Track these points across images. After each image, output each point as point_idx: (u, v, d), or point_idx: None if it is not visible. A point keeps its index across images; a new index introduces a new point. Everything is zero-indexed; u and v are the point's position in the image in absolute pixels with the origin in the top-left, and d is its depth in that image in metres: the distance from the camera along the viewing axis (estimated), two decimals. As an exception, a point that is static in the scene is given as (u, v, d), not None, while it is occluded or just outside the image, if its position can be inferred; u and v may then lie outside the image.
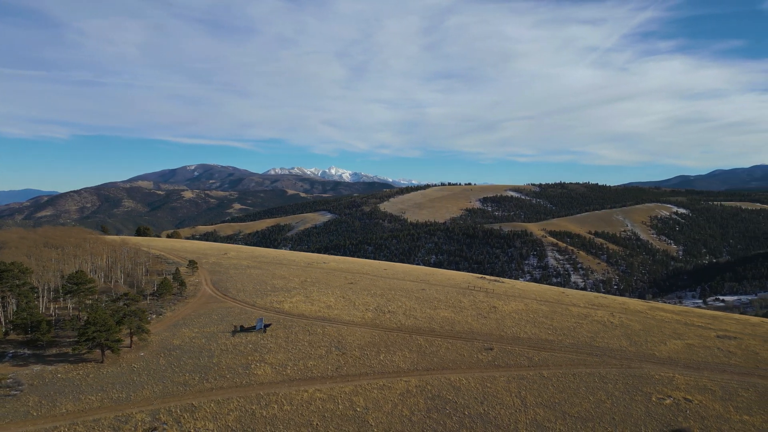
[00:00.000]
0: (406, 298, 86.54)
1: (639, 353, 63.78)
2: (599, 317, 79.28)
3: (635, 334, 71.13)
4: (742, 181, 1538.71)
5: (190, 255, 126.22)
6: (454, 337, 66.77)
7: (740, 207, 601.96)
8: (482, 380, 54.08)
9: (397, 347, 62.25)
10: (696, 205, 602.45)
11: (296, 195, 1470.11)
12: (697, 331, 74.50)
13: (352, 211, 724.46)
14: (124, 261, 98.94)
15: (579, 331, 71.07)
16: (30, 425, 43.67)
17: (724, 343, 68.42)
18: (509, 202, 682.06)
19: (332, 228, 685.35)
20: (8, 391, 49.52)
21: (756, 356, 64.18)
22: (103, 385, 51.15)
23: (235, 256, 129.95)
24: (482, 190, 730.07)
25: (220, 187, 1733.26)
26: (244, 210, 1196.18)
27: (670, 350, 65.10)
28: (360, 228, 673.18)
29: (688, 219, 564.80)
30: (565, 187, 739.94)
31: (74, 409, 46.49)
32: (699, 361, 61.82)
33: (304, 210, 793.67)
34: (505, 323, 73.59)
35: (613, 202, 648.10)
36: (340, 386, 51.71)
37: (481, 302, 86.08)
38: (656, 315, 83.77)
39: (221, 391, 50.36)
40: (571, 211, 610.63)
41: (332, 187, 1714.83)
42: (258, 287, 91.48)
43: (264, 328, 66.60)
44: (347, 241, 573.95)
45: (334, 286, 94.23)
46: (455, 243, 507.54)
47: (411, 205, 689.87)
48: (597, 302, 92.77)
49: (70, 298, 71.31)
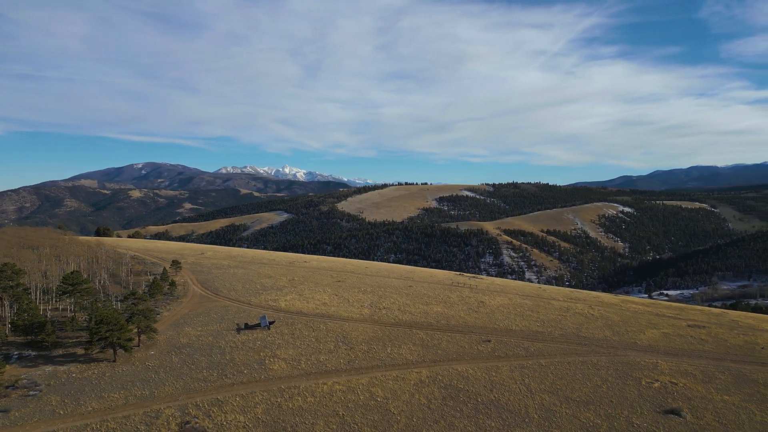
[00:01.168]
0: (397, 294, 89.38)
1: (622, 342, 68.79)
2: (580, 310, 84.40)
3: (615, 324, 76.36)
4: (680, 181, 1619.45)
5: (166, 255, 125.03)
6: (451, 331, 70.08)
7: (680, 206, 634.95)
8: (487, 370, 57.50)
9: (401, 341, 64.99)
10: (640, 204, 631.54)
11: (249, 194, 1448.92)
12: (669, 321, 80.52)
13: (309, 210, 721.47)
14: (108, 262, 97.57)
15: (565, 323, 75.73)
16: (59, 423, 44.12)
17: (695, 332, 74.43)
18: (465, 202, 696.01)
19: (289, 228, 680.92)
20: (26, 391, 49.51)
21: (725, 343, 70.26)
22: (123, 383, 51.74)
23: (212, 256, 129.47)
24: (438, 190, 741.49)
25: (170, 186, 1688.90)
26: (196, 210, 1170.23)
27: (650, 339, 70.46)
28: (317, 227, 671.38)
29: (633, 217, 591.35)
30: (518, 186, 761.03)
31: (99, 407, 47.09)
32: (677, 348, 67.31)
33: (259, 209, 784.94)
34: (496, 317, 77.54)
35: (563, 201, 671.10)
36: (356, 378, 54.06)
37: (469, 297, 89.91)
38: (629, 307, 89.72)
39: (242, 385, 51.83)
40: (524, 210, 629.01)
41: (286, 186, 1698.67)
42: (247, 286, 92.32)
43: (268, 325, 68.01)
44: (305, 241, 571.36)
45: (323, 284, 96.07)
46: (414, 242, 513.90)
47: (369, 204, 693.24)
48: (574, 296, 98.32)
49: (66, 299, 70.57)
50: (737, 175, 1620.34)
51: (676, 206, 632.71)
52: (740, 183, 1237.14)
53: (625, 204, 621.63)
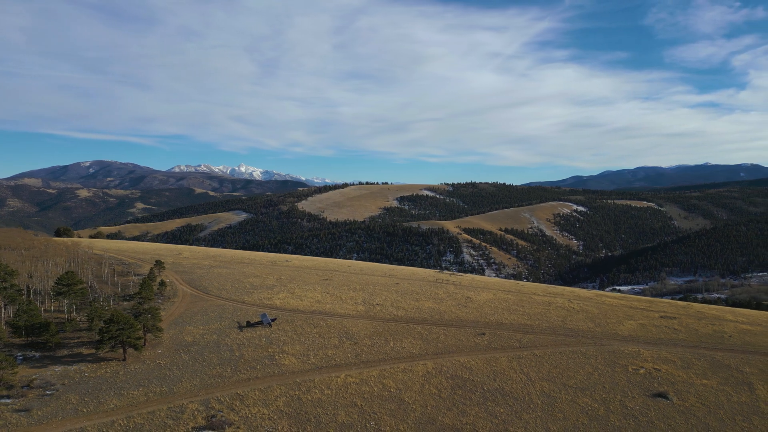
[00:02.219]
0: (386, 291, 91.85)
1: (605, 333, 73.42)
2: (560, 304, 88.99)
3: (596, 317, 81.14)
4: (628, 181, 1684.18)
5: (143, 255, 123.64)
6: (446, 325, 73.16)
7: (630, 205, 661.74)
8: (487, 361, 60.78)
9: (401, 336, 67.57)
10: (592, 203, 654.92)
11: (205, 194, 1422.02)
12: (642, 313, 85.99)
13: (269, 210, 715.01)
14: (90, 262, 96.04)
15: (549, 316, 79.99)
16: (84, 421, 44.72)
17: (668, 322, 79.97)
18: (425, 201, 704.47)
19: (248, 227, 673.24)
20: (42, 391, 49.62)
21: (697, 332, 75.90)
22: (140, 381, 52.41)
23: (191, 256, 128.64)
24: (399, 189, 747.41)
25: (120, 185, 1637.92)
26: (149, 210, 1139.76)
27: (629, 329, 75.40)
28: (278, 227, 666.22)
29: (586, 216, 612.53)
30: (476, 186, 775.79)
31: (121, 404, 47.80)
32: (654, 338, 72.41)
33: (216, 209, 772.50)
34: (485, 311, 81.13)
35: (519, 200, 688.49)
36: (367, 371, 56.33)
37: (455, 293, 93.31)
38: (604, 300, 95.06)
39: (258, 380, 53.32)
40: (483, 210, 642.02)
41: (243, 185, 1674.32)
42: (236, 285, 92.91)
43: (270, 323, 69.34)
44: (266, 241, 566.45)
45: (312, 282, 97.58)
46: (376, 241, 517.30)
47: (330, 204, 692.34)
48: (551, 291, 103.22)
49: (61, 300, 69.96)
50: (680, 175, 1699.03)
51: (626, 205, 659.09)
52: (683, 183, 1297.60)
53: (579, 203, 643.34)
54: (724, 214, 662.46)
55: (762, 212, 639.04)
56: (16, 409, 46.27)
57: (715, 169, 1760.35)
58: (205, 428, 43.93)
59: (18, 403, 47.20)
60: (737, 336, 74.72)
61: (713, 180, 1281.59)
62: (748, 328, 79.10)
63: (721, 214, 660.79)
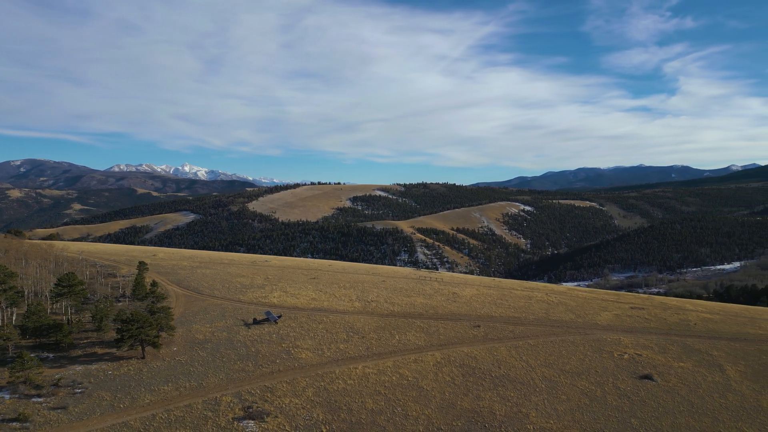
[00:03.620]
0: (376, 289, 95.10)
1: (586, 323, 79.45)
2: (539, 297, 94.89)
3: (574, 309, 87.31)
4: (569, 181, 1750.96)
5: (117, 257, 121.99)
6: (442, 319, 77.28)
7: (573, 205, 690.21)
8: (488, 350, 65.24)
9: (404, 329, 71.14)
10: (538, 203, 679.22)
11: (147, 194, 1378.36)
12: (614, 305, 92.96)
13: (218, 210, 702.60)
14: (74, 264, 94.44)
15: (533, 309, 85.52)
16: (125, 416, 46.06)
17: (638, 313, 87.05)
18: (378, 201, 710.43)
19: (197, 229, 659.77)
20: (71, 390, 50.34)
21: (665, 321, 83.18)
22: (167, 377, 53.78)
23: (166, 257, 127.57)
24: (352, 190, 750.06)
25: (55, 185, 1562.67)
26: (87, 211, 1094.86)
27: (606, 320, 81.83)
28: (228, 228, 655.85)
29: (533, 216, 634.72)
30: (428, 187, 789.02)
31: (155, 399, 49.25)
32: (630, 326, 79.01)
33: (162, 210, 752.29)
34: (474, 306, 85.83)
35: (470, 200, 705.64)
36: (381, 362, 59.64)
37: (442, 289, 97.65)
38: (577, 294, 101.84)
39: (281, 373, 55.68)
40: (435, 210, 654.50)
41: (187, 185, 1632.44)
42: (226, 285, 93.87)
43: (276, 320, 71.40)
44: (216, 243, 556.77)
45: (301, 281, 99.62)
46: (330, 241, 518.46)
47: (282, 204, 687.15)
48: (527, 286, 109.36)
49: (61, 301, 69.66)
50: (618, 176, 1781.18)
51: (570, 205, 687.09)
52: (620, 183, 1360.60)
53: (525, 203, 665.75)
54: (659, 213, 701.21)
55: (694, 211, 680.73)
56: (51, 407, 46.98)
57: (649, 170, 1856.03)
58: (245, 418, 46.16)
59: (51, 402, 47.87)
60: (701, 324, 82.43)
61: (647, 180, 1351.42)
62: (708, 317, 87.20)
63: (656, 213, 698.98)
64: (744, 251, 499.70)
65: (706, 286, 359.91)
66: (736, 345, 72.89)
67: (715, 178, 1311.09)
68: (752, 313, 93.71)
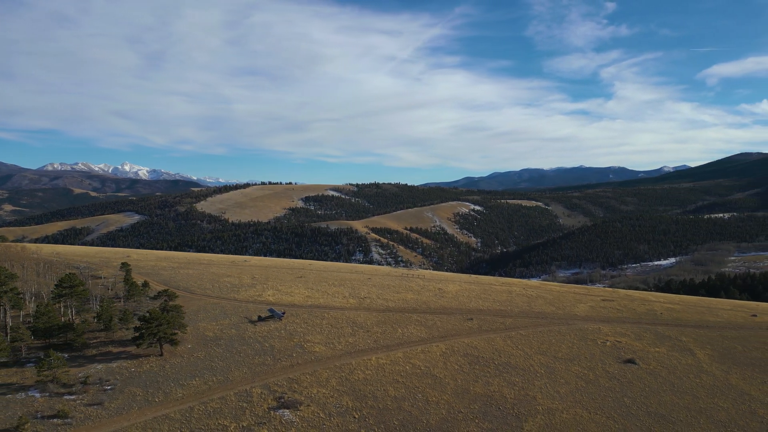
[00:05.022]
0: (365, 286, 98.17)
1: (566, 315, 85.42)
2: (518, 292, 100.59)
3: (553, 302, 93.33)
4: (514, 182, 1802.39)
5: (89, 259, 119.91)
6: (435, 313, 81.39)
7: (520, 204, 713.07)
8: (486, 341, 69.80)
9: (404, 323, 74.78)
10: (487, 203, 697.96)
11: (85, 194, 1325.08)
12: (586, 297, 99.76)
13: (165, 211, 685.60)
14: (56, 266, 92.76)
15: (516, 302, 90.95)
16: (163, 409, 47.74)
17: (610, 304, 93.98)
18: (330, 201, 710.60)
19: (142, 230, 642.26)
20: (100, 387, 51.38)
21: (635, 311, 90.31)
22: (191, 372, 55.41)
23: (142, 258, 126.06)
24: (304, 190, 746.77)
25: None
26: (20, 212, 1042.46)
27: (583, 311, 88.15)
28: (175, 229, 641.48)
29: (482, 215, 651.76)
30: (380, 187, 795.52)
31: (187, 393, 51.02)
32: (605, 317, 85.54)
33: (104, 211, 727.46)
34: (461, 300, 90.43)
35: (422, 200, 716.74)
36: (392, 354, 63.10)
37: (428, 286, 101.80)
38: (551, 288, 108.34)
39: (301, 366, 58.28)
40: (387, 210, 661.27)
41: (128, 185, 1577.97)
42: (216, 285, 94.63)
43: (280, 316, 73.53)
44: (164, 244, 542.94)
45: (289, 280, 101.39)
46: (284, 242, 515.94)
47: (231, 204, 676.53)
48: (504, 281, 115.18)
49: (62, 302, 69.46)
50: (559, 176, 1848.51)
51: (517, 204, 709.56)
52: (562, 183, 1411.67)
53: (475, 203, 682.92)
54: (600, 212, 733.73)
55: (632, 210, 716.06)
56: (86, 403, 48.03)
57: (589, 171, 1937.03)
58: (280, 407, 48.69)
59: (85, 399, 48.86)
60: (666, 313, 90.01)
61: (587, 181, 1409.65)
62: (671, 307, 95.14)
63: (598, 212, 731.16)
64: (679, 248, 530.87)
65: (645, 281, 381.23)
66: (700, 331, 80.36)
67: (649, 179, 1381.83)
68: (707, 303, 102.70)
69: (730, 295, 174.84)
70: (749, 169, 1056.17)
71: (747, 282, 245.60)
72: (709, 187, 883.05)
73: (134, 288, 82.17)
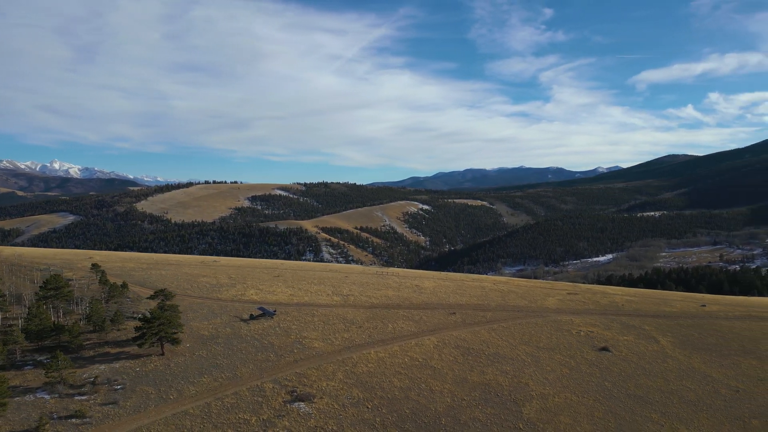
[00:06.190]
0: (344, 284, 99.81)
1: (538, 308, 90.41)
2: (490, 287, 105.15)
3: (524, 296, 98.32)
4: (458, 182, 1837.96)
5: (49, 261, 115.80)
6: (419, 308, 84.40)
7: (466, 204, 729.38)
8: (472, 333, 73.43)
9: (392, 319, 77.34)
10: (435, 202, 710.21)
11: (11, 194, 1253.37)
12: (553, 291, 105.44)
13: (101, 211, 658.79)
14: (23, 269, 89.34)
15: (491, 297, 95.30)
16: (179, 406, 48.50)
17: (575, 297, 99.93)
18: (278, 201, 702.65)
19: (78, 231, 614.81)
20: (110, 387, 51.38)
21: (599, 303, 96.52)
22: (199, 370, 56.00)
23: (105, 260, 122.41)
24: (250, 189, 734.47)
25: None
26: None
27: (553, 304, 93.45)
28: (114, 230, 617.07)
29: (430, 214, 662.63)
30: (328, 186, 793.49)
31: (199, 390, 51.81)
32: (574, 309, 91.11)
33: (34, 211, 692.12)
34: (440, 296, 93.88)
35: (371, 200, 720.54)
36: (389, 347, 65.63)
37: (405, 283, 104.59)
38: (518, 284, 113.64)
39: (305, 361, 59.89)
40: (337, 209, 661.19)
41: (59, 184, 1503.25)
42: (194, 285, 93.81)
43: (272, 314, 74.47)
44: (102, 246, 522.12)
45: (267, 279, 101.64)
46: (231, 242, 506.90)
47: (174, 204, 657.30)
48: (474, 277, 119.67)
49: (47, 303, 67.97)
50: (501, 176, 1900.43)
51: (463, 204, 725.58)
52: (504, 183, 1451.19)
53: (423, 202, 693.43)
54: (542, 210, 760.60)
55: (571, 209, 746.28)
56: (101, 403, 48.08)
57: (529, 171, 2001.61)
58: (294, 400, 50.38)
59: (98, 399, 48.84)
60: (627, 305, 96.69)
61: (527, 181, 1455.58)
62: (630, 299, 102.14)
63: (539, 211, 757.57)
64: (615, 244, 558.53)
65: (586, 276, 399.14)
66: (659, 321, 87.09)
67: (585, 179, 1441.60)
68: (661, 295, 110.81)
69: (666, 288, 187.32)
70: (676, 170, 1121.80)
71: (681, 276, 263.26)
72: (640, 187, 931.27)
73: (115, 289, 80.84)
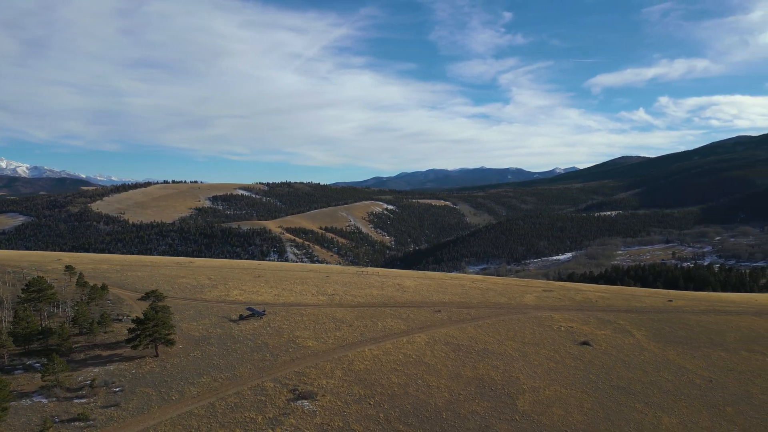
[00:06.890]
0: (327, 284, 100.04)
1: (518, 304, 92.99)
2: (469, 285, 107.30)
3: (503, 293, 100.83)
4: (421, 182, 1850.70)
5: (17, 262, 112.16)
6: (405, 306, 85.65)
7: (430, 204, 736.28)
8: (460, 330, 75.16)
9: (381, 317, 78.34)
10: (399, 202, 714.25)
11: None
12: (530, 289, 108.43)
13: (54, 212, 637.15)
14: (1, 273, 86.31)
15: (473, 295, 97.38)
16: (183, 407, 48.39)
17: (552, 294, 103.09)
18: (240, 201, 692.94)
19: (29, 233, 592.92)
20: (108, 389, 50.73)
21: (574, 299, 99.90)
22: (197, 371, 55.76)
23: (77, 261, 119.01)
24: (211, 189, 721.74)
25: None
26: None
27: (532, 301, 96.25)
28: (67, 232, 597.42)
29: (395, 214, 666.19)
30: (292, 186, 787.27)
31: (201, 390, 51.73)
32: (552, 305, 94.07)
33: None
34: (423, 294, 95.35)
35: (336, 200, 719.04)
36: (382, 345, 66.63)
37: (387, 282, 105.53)
38: (495, 281, 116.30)
39: (301, 360, 60.33)
40: (301, 209, 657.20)
41: (5, 183, 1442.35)
42: (175, 286, 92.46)
43: (262, 314, 74.37)
44: (56, 248, 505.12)
45: (248, 280, 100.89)
46: (192, 243, 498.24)
47: (131, 204, 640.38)
48: (453, 276, 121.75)
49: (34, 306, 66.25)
50: (463, 177, 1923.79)
51: (427, 204, 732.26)
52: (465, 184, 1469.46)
53: (388, 202, 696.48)
54: (503, 210, 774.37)
55: (531, 209, 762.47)
56: (102, 405, 47.50)
57: (489, 172, 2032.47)
58: (298, 398, 50.87)
59: (98, 401, 48.21)
60: (600, 301, 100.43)
61: (488, 181, 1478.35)
62: (602, 295, 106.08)
63: (501, 211, 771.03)
64: (574, 243, 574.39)
65: (547, 274, 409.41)
66: (632, 315, 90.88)
67: (544, 179, 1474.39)
68: (630, 291, 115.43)
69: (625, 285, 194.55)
70: (630, 170, 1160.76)
71: (639, 273, 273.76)
72: (596, 188, 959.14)
73: (96, 291, 79.16)
